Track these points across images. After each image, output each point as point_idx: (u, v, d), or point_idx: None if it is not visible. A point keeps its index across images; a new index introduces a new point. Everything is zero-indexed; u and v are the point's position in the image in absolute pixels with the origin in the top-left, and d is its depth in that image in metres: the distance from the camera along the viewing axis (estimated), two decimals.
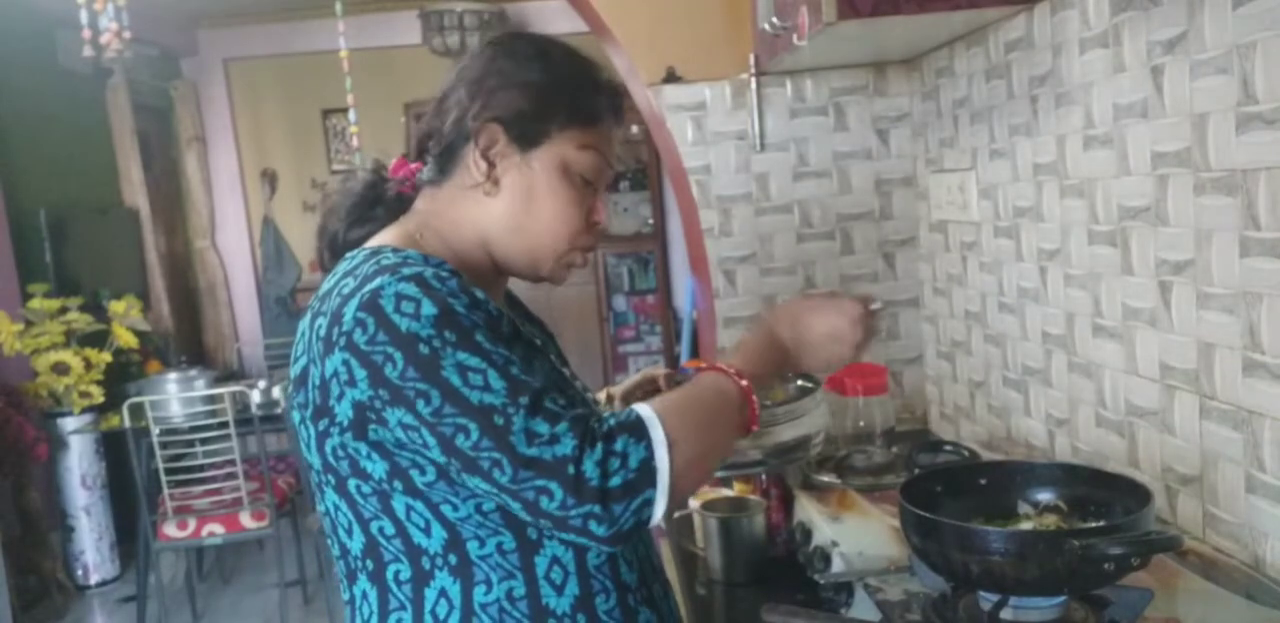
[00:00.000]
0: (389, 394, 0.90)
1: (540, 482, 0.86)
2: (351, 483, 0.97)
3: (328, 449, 0.97)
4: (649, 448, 0.88)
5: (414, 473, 0.94)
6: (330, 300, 0.97)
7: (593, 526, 0.87)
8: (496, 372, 0.89)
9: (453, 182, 1.07)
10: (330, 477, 0.99)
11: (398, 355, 0.90)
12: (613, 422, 0.90)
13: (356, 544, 1.01)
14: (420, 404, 0.89)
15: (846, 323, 1.09)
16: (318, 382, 0.95)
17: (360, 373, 0.91)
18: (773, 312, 1.11)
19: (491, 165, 1.04)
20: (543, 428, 0.88)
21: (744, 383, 0.99)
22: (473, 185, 1.05)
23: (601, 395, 1.37)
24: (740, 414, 0.99)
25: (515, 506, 0.89)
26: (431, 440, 0.90)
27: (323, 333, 0.95)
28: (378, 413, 0.92)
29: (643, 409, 0.92)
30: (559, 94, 1.04)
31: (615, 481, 0.87)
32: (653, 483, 0.88)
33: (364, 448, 0.95)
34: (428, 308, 0.91)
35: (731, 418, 0.98)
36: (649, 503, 0.88)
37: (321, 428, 0.97)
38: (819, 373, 1.05)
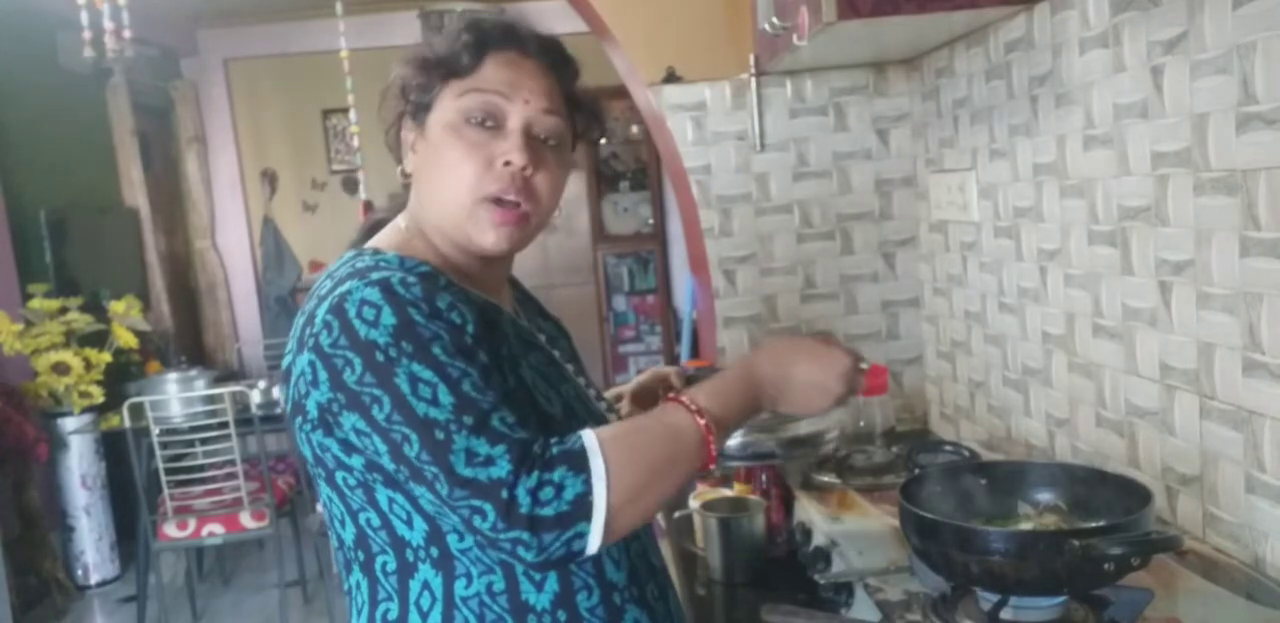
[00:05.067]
0: (345, 398, 0.92)
1: (475, 502, 0.86)
2: (339, 476, 0.99)
3: (314, 443, 0.99)
4: (587, 482, 0.86)
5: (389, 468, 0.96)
6: (310, 300, 1.00)
7: (521, 551, 0.86)
8: (447, 387, 0.89)
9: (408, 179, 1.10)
10: (320, 470, 1.01)
11: (356, 361, 0.91)
12: (555, 450, 0.88)
13: (349, 535, 1.02)
14: (375, 410, 0.90)
15: (833, 376, 1.04)
16: (294, 379, 0.97)
17: (323, 375, 0.93)
18: (760, 348, 1.08)
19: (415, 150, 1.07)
20: (482, 449, 0.87)
21: (703, 421, 0.94)
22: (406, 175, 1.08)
23: (609, 395, 1.37)
24: (696, 453, 0.94)
25: (454, 519, 0.89)
26: (383, 447, 0.91)
27: (298, 332, 0.98)
28: (334, 416, 0.94)
29: (588, 439, 0.89)
30: (433, 58, 1.04)
31: (547, 511, 0.85)
32: (587, 518, 0.86)
33: (335, 444, 0.96)
34: (387, 317, 0.91)
35: (684, 455, 0.94)
36: (581, 536, 0.86)
37: (299, 424, 0.99)
38: (792, 414, 1.04)
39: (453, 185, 1.00)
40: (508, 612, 0.98)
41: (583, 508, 0.86)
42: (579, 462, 0.87)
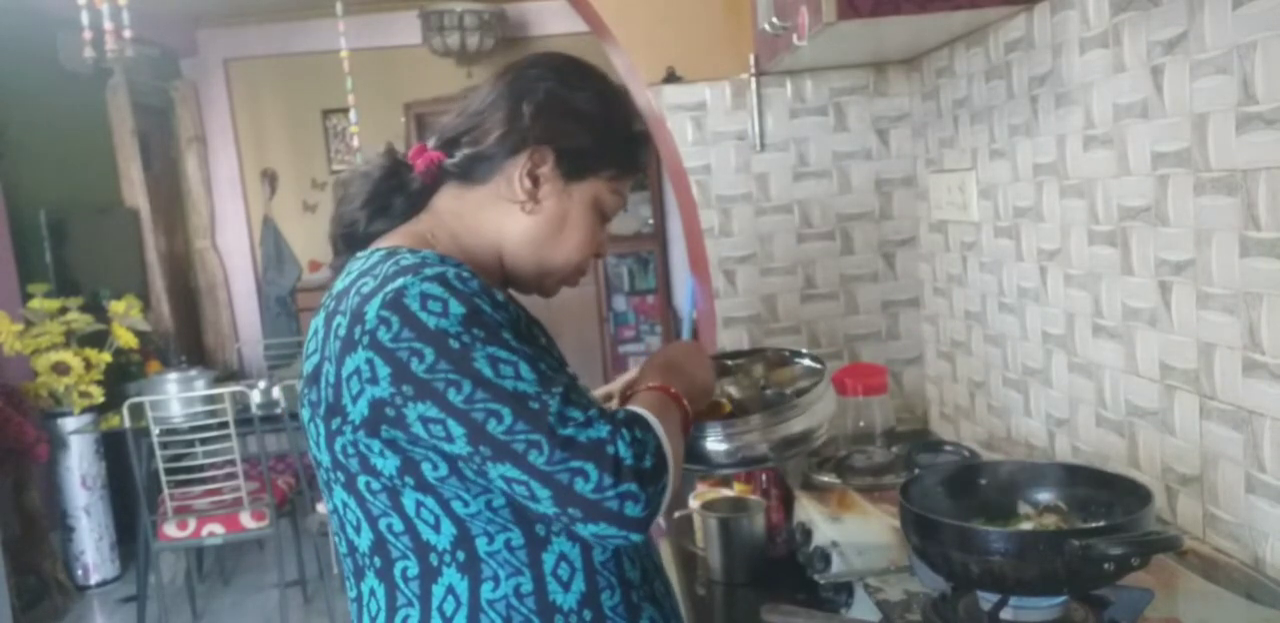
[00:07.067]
0: (414, 389, 0.91)
1: (576, 463, 0.89)
2: (361, 480, 0.98)
3: (338, 447, 0.98)
4: (657, 437, 0.94)
5: (425, 467, 0.96)
6: (348, 299, 0.98)
7: (629, 506, 0.89)
8: (527, 364, 0.93)
9: (486, 188, 1.09)
10: (339, 474, 1.00)
11: (427, 351, 0.91)
12: (622, 415, 0.95)
13: (364, 541, 1.01)
14: (451, 393, 0.90)
15: (677, 344, 1.25)
16: (332, 380, 0.96)
17: (383, 371, 0.92)
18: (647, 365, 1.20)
19: (536, 185, 1.08)
20: (577, 414, 0.91)
21: (672, 390, 1.06)
22: (510, 199, 1.08)
23: (598, 394, 1.38)
24: (681, 421, 1.04)
25: (545, 492, 0.90)
26: (459, 430, 0.91)
27: (342, 332, 0.96)
28: (397, 409, 0.93)
29: (637, 409, 0.98)
30: (615, 141, 1.12)
31: (648, 462, 0.91)
32: (667, 470, 0.93)
33: (376, 445, 0.96)
34: (455, 307, 0.93)
35: (679, 422, 1.04)
36: (664, 490, 0.93)
37: (334, 426, 0.97)
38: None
39: (568, 252, 1.12)
40: (535, 613, 0.98)
41: (664, 461, 0.93)
42: (644, 422, 0.95)
